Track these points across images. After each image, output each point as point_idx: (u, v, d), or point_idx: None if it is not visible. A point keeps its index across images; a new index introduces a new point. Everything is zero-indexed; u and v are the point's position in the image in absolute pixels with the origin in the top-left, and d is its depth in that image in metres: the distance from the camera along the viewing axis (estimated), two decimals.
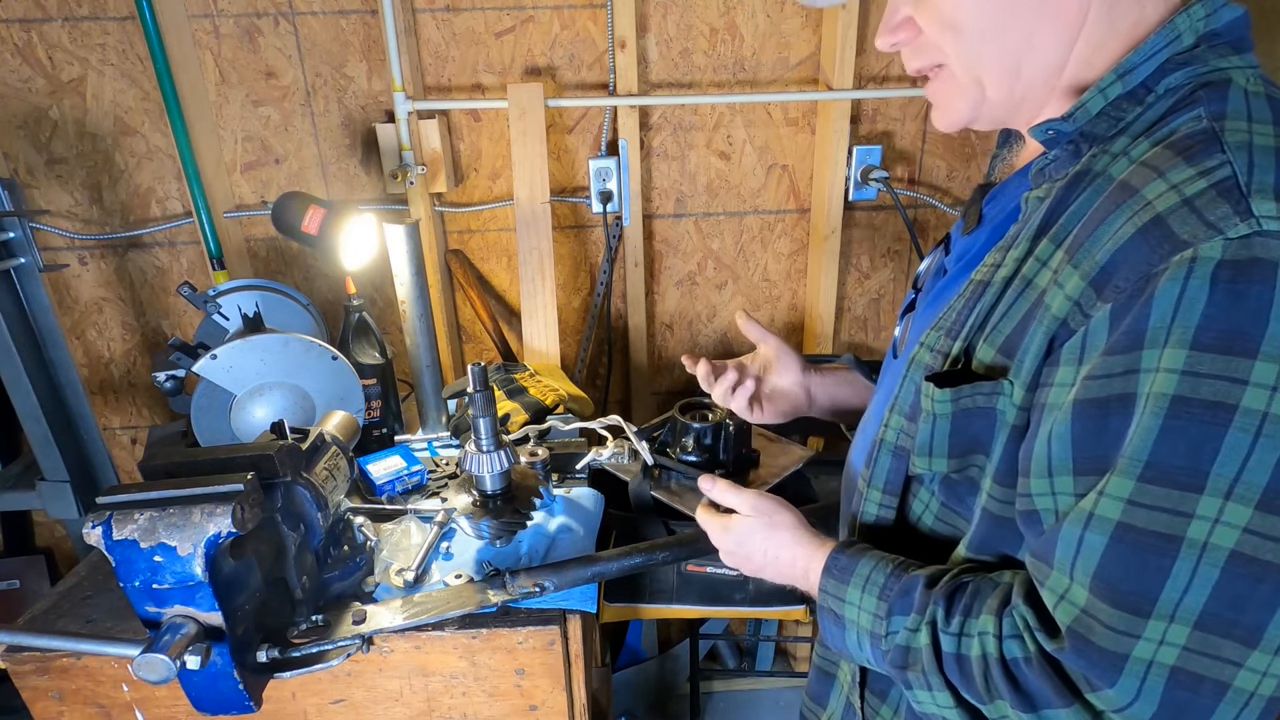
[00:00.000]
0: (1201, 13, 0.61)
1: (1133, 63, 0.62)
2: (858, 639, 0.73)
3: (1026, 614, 0.60)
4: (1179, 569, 0.53)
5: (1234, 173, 0.54)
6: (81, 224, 1.87)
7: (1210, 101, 0.59)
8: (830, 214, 1.91)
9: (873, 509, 0.79)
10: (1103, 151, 0.63)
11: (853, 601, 0.73)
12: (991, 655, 0.62)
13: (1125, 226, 0.56)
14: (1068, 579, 0.58)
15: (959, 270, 0.78)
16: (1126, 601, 0.55)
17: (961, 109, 0.71)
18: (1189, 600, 0.53)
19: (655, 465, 1.30)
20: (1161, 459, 0.53)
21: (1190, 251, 0.52)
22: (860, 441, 0.90)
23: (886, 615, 0.69)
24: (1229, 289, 0.51)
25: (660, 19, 1.79)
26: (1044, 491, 0.61)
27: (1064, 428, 0.59)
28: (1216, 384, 0.52)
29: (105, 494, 0.83)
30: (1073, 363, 0.59)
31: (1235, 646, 0.53)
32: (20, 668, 1.05)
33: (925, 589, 0.67)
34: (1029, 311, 0.63)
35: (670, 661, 2.30)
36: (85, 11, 1.70)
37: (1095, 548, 0.56)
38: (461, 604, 1.06)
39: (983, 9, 0.65)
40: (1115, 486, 0.55)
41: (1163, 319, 0.53)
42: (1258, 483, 0.51)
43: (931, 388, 0.67)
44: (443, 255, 1.95)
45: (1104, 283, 0.57)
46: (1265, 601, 0.52)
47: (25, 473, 1.87)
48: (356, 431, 1.19)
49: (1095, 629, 0.56)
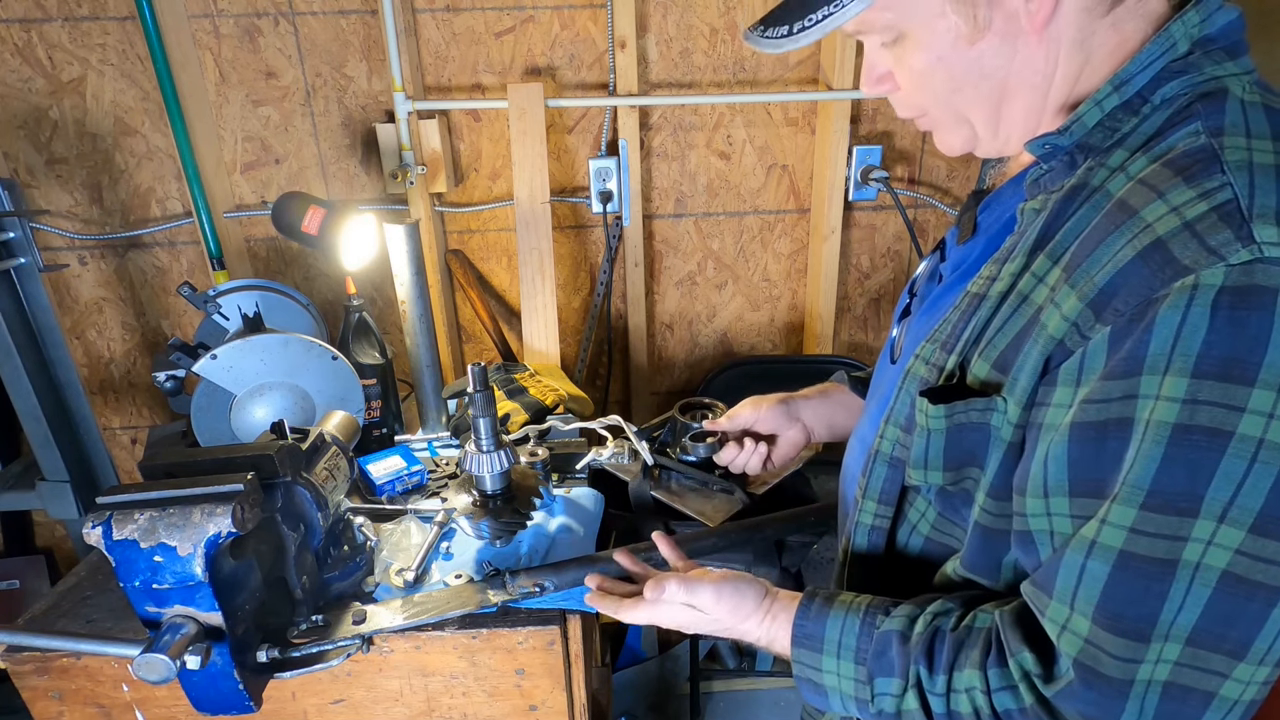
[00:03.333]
0: (1196, 18, 0.61)
1: (1129, 73, 0.62)
2: (842, 702, 0.72)
3: (1027, 661, 0.61)
4: (1175, 590, 0.54)
5: (1235, 195, 0.54)
6: (81, 224, 1.87)
7: (1208, 115, 0.58)
8: (830, 214, 1.91)
9: (868, 519, 0.79)
10: (1099, 165, 0.63)
11: (830, 670, 0.72)
12: (983, 710, 0.62)
13: (1125, 249, 0.56)
14: (1068, 609, 0.58)
15: (954, 280, 0.78)
16: (1130, 629, 0.56)
17: (955, 143, 0.74)
18: (1182, 619, 0.54)
19: (655, 465, 1.30)
20: (1163, 487, 0.54)
21: (1192, 278, 0.52)
22: (856, 448, 0.90)
23: (868, 680, 0.69)
24: (1229, 316, 0.52)
25: (660, 19, 1.79)
26: (1039, 512, 0.61)
27: (1060, 449, 0.59)
28: (1214, 410, 0.52)
29: (105, 494, 0.83)
30: (1070, 384, 0.59)
31: (1223, 659, 0.55)
32: (20, 668, 1.05)
33: (900, 645, 0.67)
34: (1024, 328, 0.63)
35: (670, 661, 2.30)
36: (85, 11, 1.70)
37: (1098, 576, 0.57)
38: (461, 604, 1.06)
39: (952, 70, 0.66)
40: (1118, 514, 0.56)
41: (1163, 346, 0.53)
42: (1252, 507, 0.52)
43: (926, 404, 0.68)
44: (443, 255, 1.95)
45: (1103, 305, 0.57)
46: (1254, 618, 0.54)
47: (25, 473, 1.87)
48: (356, 431, 1.19)
49: (1102, 659, 0.57)
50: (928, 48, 0.66)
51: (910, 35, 0.66)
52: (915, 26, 0.66)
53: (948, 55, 0.65)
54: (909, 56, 0.68)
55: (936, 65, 0.66)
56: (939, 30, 0.64)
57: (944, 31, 0.64)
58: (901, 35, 0.67)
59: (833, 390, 1.12)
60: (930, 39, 0.65)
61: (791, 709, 2.30)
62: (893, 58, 0.70)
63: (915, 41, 0.66)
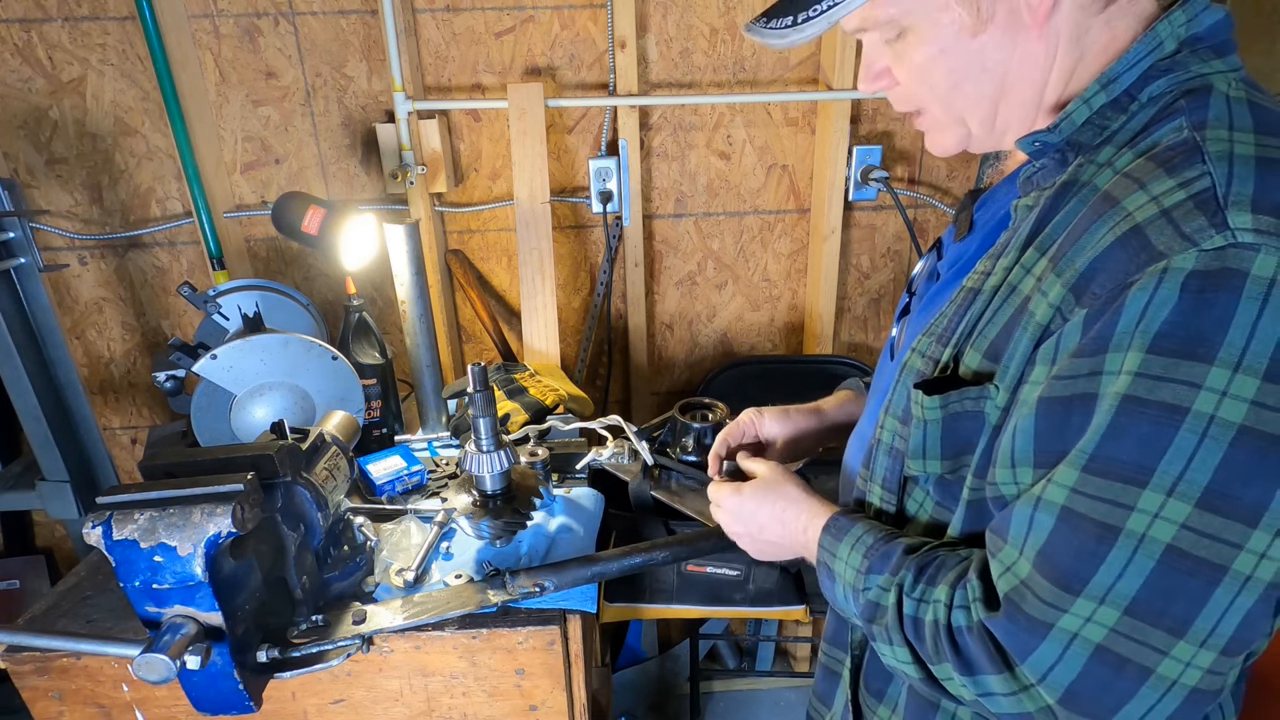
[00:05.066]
0: (1183, 18, 0.62)
1: (1116, 71, 0.63)
2: (843, 592, 0.76)
3: (975, 586, 0.64)
4: (1115, 556, 0.56)
5: (1213, 184, 0.55)
6: (81, 224, 1.87)
7: (1192, 110, 0.59)
8: (830, 214, 1.91)
9: (875, 502, 0.81)
10: (1089, 161, 0.65)
11: (841, 557, 0.77)
12: (940, 622, 0.65)
13: (1106, 236, 0.58)
14: (1017, 553, 0.61)
15: (951, 276, 0.80)
16: (1059, 578, 0.58)
17: (949, 143, 0.75)
18: (1121, 586, 0.56)
19: (655, 465, 1.30)
20: (1106, 453, 0.56)
21: (1164, 262, 0.54)
22: (855, 442, 0.92)
23: (866, 572, 0.73)
24: (1197, 298, 0.53)
25: (660, 19, 1.79)
26: (1007, 481, 0.64)
27: (1028, 423, 0.61)
28: (1175, 387, 0.53)
29: (105, 494, 0.83)
30: (1046, 362, 0.61)
31: (1162, 635, 0.55)
32: (20, 668, 1.05)
33: (903, 554, 0.71)
34: (1013, 318, 0.65)
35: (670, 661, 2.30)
36: (85, 11, 1.70)
37: (1044, 527, 0.59)
38: (461, 604, 1.06)
39: (953, 65, 0.68)
40: (1062, 475, 0.59)
41: (1129, 324, 0.55)
42: (1200, 482, 0.53)
43: (921, 395, 0.69)
44: (443, 255, 1.95)
45: (1083, 289, 0.58)
46: (1196, 595, 0.54)
47: (25, 473, 1.87)
48: (356, 431, 1.19)
49: (1028, 598, 0.59)
50: (930, 41, 0.67)
51: (913, 29, 0.67)
52: (918, 20, 0.67)
53: (950, 48, 0.66)
54: (910, 51, 0.69)
55: (938, 58, 0.67)
56: (942, 23, 0.66)
57: (947, 24, 0.65)
58: (904, 30, 0.68)
59: (845, 394, 1.11)
60: (933, 32, 0.66)
61: (791, 709, 2.30)
62: (892, 53, 0.71)
63: (918, 35, 0.67)
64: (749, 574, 1.38)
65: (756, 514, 0.90)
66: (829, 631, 0.95)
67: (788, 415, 1.06)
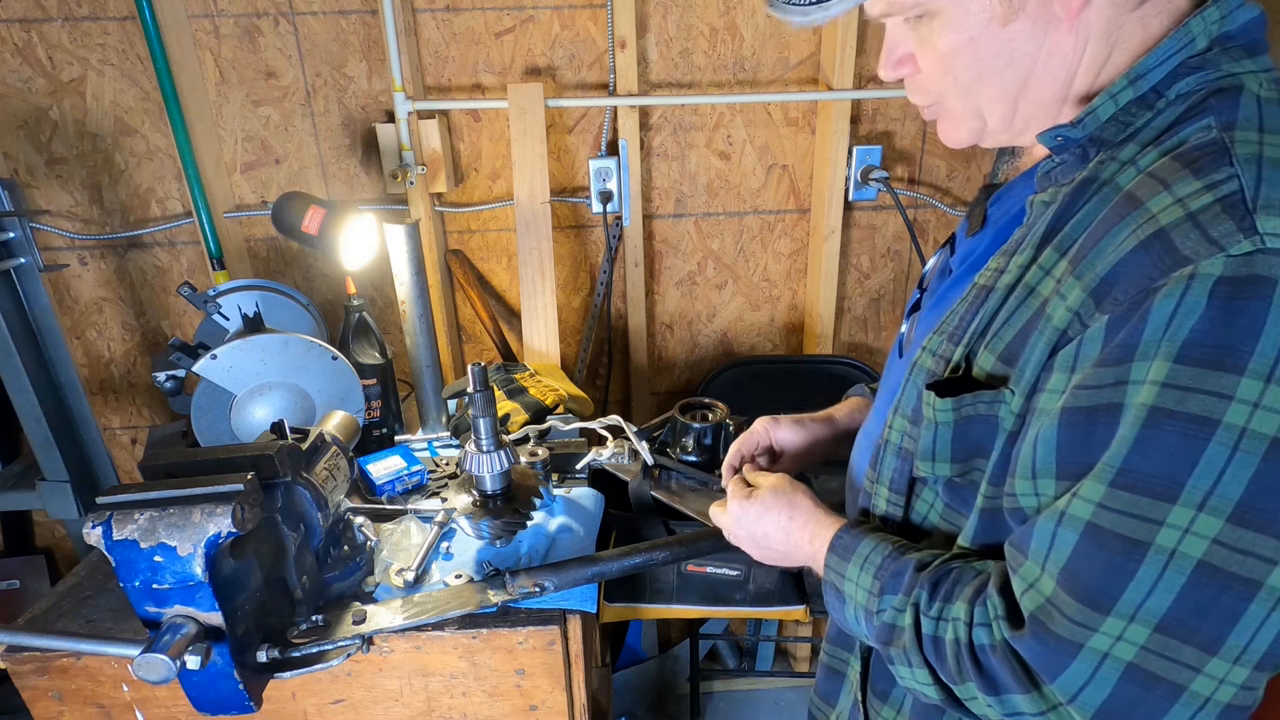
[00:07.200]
0: (1216, 14, 0.60)
1: (1145, 67, 0.62)
2: (854, 613, 0.75)
3: (996, 603, 0.62)
4: (1144, 573, 0.54)
5: (1241, 187, 0.53)
6: (81, 224, 1.87)
7: (1221, 110, 0.58)
8: (830, 214, 1.91)
9: (881, 504, 0.80)
10: (1111, 158, 0.63)
11: (851, 578, 0.75)
12: (962, 641, 0.64)
13: (1128, 239, 0.56)
14: (1039, 569, 0.60)
15: (963, 272, 0.78)
16: (1088, 596, 0.57)
17: (963, 136, 0.73)
18: (1152, 603, 0.54)
19: (655, 465, 1.30)
20: (1134, 467, 0.55)
21: (1191, 268, 0.52)
22: (863, 442, 0.91)
23: (879, 593, 0.71)
24: (1225, 305, 0.51)
25: (660, 19, 1.79)
26: (1028, 493, 0.62)
27: (1050, 433, 0.59)
28: (1204, 399, 0.52)
29: (105, 494, 0.83)
30: (1065, 370, 0.60)
31: (1195, 652, 0.54)
32: (20, 668, 1.05)
33: (915, 572, 0.69)
34: (1030, 320, 0.63)
35: (670, 661, 2.30)
36: (85, 11, 1.70)
37: (1066, 543, 0.58)
38: (461, 604, 1.06)
39: (980, 54, 0.66)
40: (1088, 490, 0.57)
41: (1155, 333, 0.53)
42: (1231, 496, 0.52)
43: (933, 396, 0.68)
44: (443, 255, 1.95)
45: (1104, 294, 0.57)
46: (1228, 611, 0.53)
47: (25, 473, 1.87)
48: (356, 431, 1.19)
49: (1055, 617, 0.58)
50: (959, 28, 0.65)
51: (941, 14, 0.66)
52: (947, 5, 0.65)
53: (979, 36, 0.65)
54: (936, 37, 0.67)
55: (966, 47, 0.66)
56: (973, 10, 0.64)
57: (978, 11, 0.64)
58: (931, 14, 0.66)
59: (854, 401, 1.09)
60: (962, 18, 0.65)
61: (792, 709, 2.30)
62: (917, 39, 0.69)
63: (945, 21, 0.66)
64: (749, 574, 1.38)
65: (760, 522, 0.89)
66: (832, 631, 0.94)
67: (802, 424, 1.04)
